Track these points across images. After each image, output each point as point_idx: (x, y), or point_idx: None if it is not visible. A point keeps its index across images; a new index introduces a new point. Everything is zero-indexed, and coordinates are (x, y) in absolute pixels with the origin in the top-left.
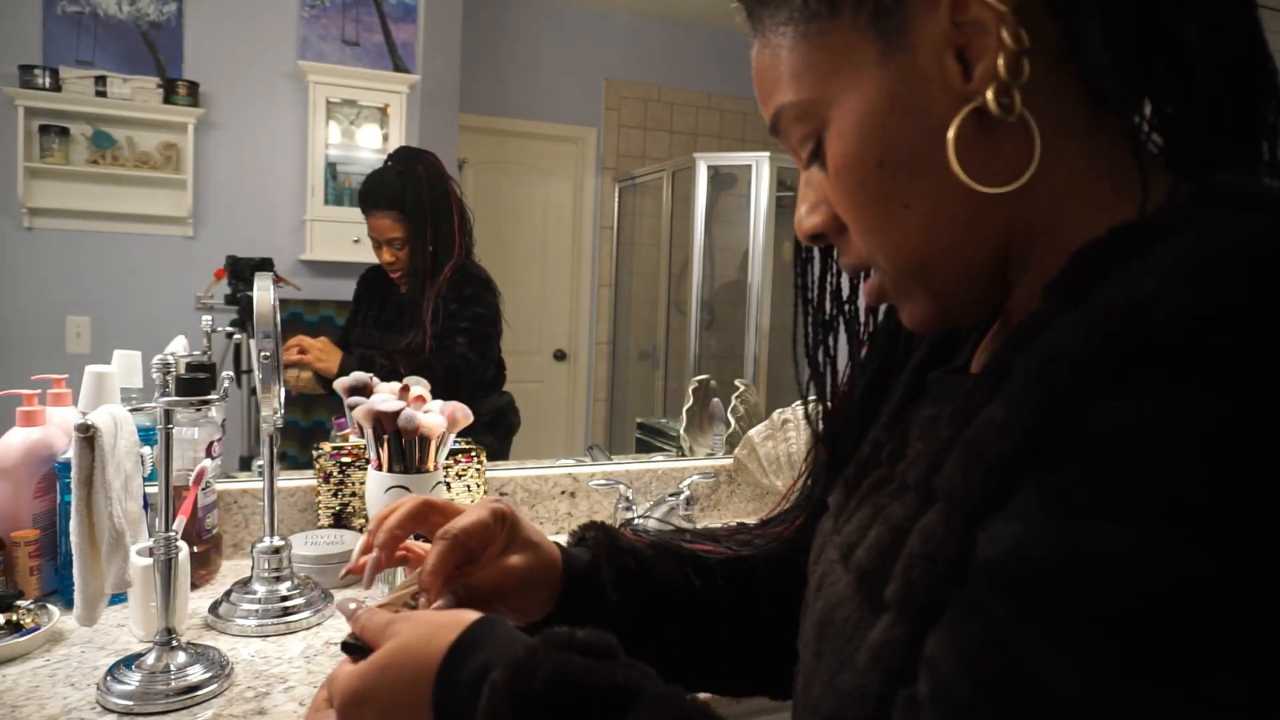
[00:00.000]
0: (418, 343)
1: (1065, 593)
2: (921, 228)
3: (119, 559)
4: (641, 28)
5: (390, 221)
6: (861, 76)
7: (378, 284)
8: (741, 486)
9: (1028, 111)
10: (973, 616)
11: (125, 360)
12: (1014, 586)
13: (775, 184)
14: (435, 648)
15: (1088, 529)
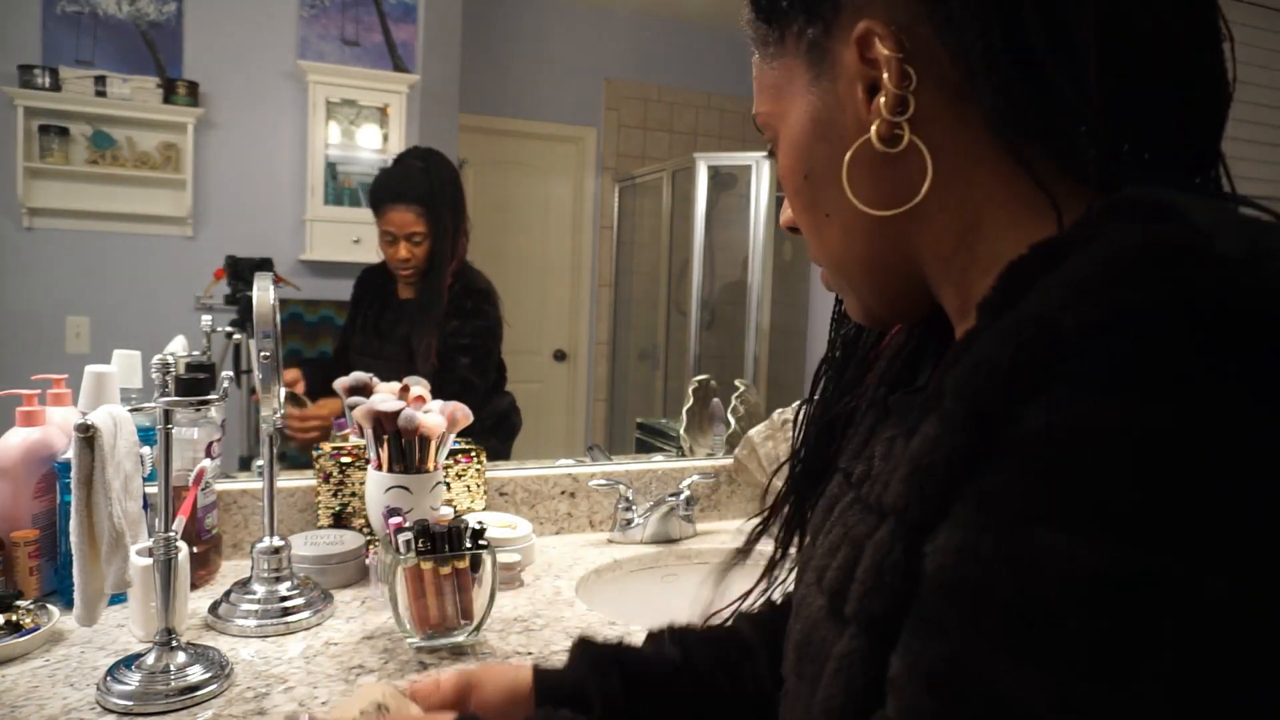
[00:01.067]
0: (422, 358)
1: (1005, 599)
2: (839, 237)
3: (119, 559)
4: (641, 28)
5: (413, 216)
6: (798, 99)
7: (376, 286)
8: (741, 486)
9: (919, 141)
10: (927, 632)
11: (125, 360)
12: (960, 597)
13: (775, 184)
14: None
15: (1019, 534)
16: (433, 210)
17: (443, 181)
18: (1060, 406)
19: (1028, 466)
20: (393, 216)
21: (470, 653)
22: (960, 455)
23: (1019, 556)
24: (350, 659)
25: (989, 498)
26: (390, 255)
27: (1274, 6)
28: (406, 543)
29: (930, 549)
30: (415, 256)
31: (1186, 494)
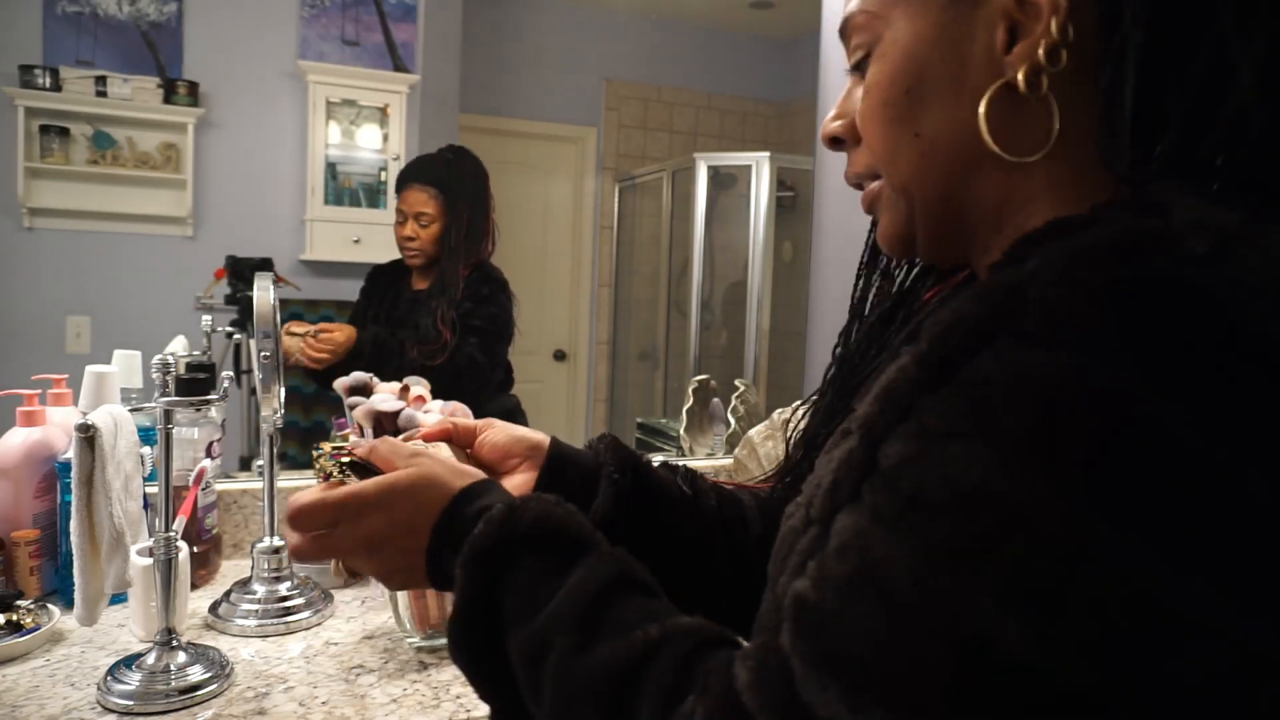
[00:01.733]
0: (431, 337)
1: (905, 491)
2: (917, 159)
3: (119, 559)
4: (641, 28)
5: (425, 196)
6: (925, 11)
7: (387, 281)
8: None
9: (1054, 99)
10: (855, 510)
11: (125, 360)
12: (877, 485)
13: (775, 184)
14: (452, 485)
15: (935, 445)
16: (447, 196)
17: (464, 173)
18: (997, 355)
19: (960, 396)
20: (407, 195)
21: None
22: (921, 386)
23: (928, 460)
24: (350, 659)
25: (926, 414)
26: (397, 234)
27: None
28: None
29: (881, 454)
30: (420, 238)
31: (1064, 437)
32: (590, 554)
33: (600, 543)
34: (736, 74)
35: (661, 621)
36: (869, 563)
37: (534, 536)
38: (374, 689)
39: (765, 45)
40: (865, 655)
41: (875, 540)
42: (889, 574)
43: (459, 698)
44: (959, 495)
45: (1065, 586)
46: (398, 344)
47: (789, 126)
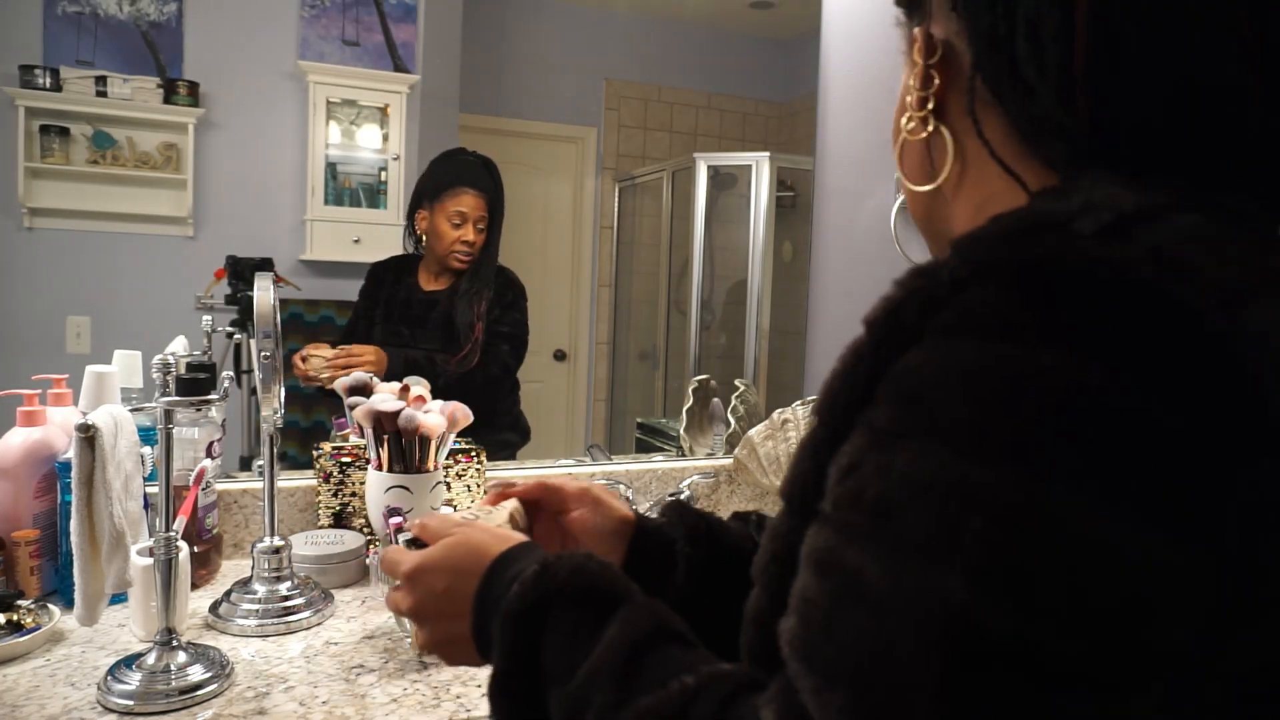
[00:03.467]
0: (460, 343)
1: (868, 500)
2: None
3: (119, 559)
4: (641, 28)
5: (478, 201)
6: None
7: (392, 280)
8: (741, 486)
9: (945, 131)
10: (820, 524)
11: (125, 360)
12: (841, 500)
13: (775, 184)
14: (491, 551)
15: (886, 451)
16: (493, 202)
17: (498, 180)
18: (927, 347)
19: (899, 395)
20: (463, 199)
21: None
22: (861, 378)
23: (885, 464)
24: (351, 659)
25: (871, 422)
26: (456, 237)
27: None
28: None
29: (834, 462)
30: (478, 242)
31: (999, 417)
32: (624, 607)
33: (634, 595)
34: (736, 74)
35: (697, 671)
36: (847, 575)
37: (568, 594)
38: (374, 689)
39: (765, 45)
40: (862, 664)
41: (850, 554)
42: (867, 580)
43: (459, 698)
44: (918, 490)
45: (1030, 558)
46: (427, 358)
47: (789, 126)
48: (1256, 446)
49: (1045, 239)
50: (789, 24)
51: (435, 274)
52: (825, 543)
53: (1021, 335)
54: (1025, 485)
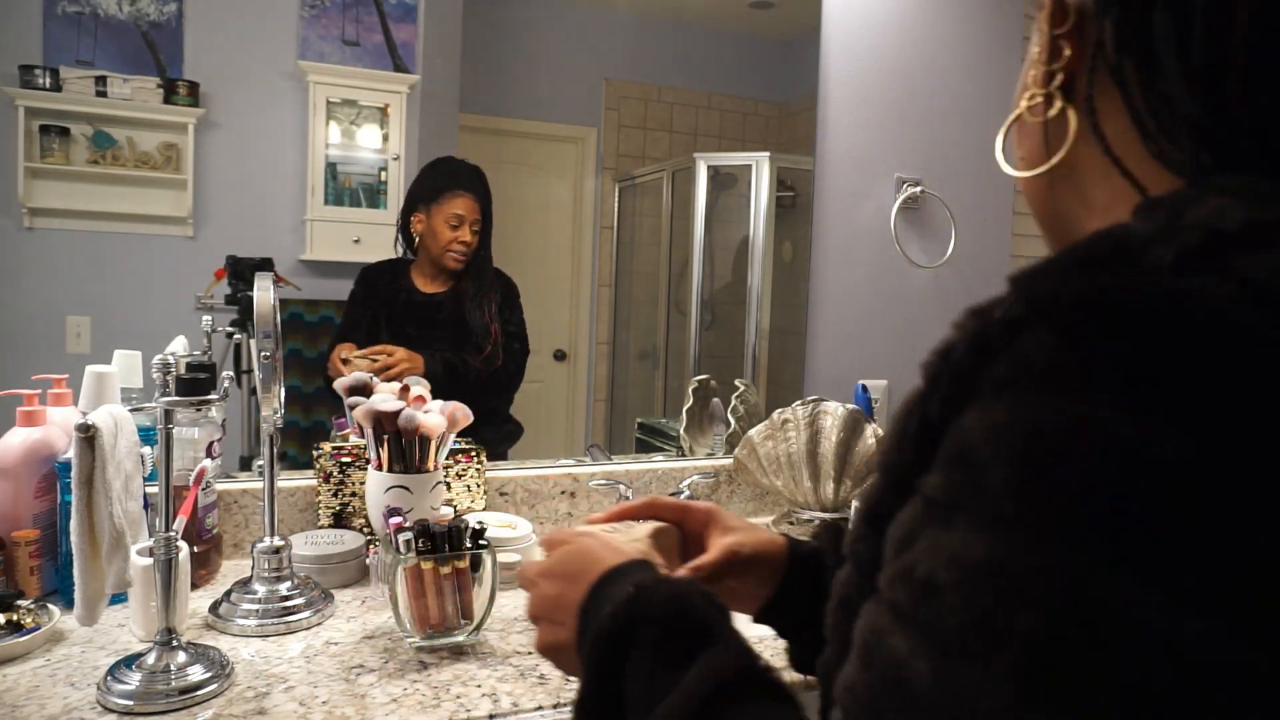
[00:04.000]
0: (481, 342)
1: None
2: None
3: (119, 559)
4: (641, 28)
5: (472, 203)
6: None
7: (385, 284)
8: (741, 486)
9: (1071, 112)
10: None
11: (125, 360)
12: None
13: (775, 184)
14: (603, 563)
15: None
16: (485, 206)
17: (488, 185)
18: (979, 405)
19: (950, 460)
20: (460, 202)
21: (470, 653)
22: (913, 434)
23: (933, 545)
24: (351, 658)
25: (924, 490)
26: (453, 238)
27: None
28: (406, 542)
29: (890, 530)
30: (473, 243)
31: (1045, 489)
32: (713, 647)
33: (727, 635)
34: (736, 74)
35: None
36: (889, 666)
37: (656, 623)
38: (374, 689)
39: (765, 45)
40: None
41: (896, 640)
42: (909, 675)
43: (459, 698)
44: (965, 574)
45: (1081, 658)
46: (461, 360)
47: (789, 126)
48: None
49: (1115, 269)
50: (789, 24)
51: (431, 276)
52: (874, 624)
53: (1075, 387)
54: (1076, 572)
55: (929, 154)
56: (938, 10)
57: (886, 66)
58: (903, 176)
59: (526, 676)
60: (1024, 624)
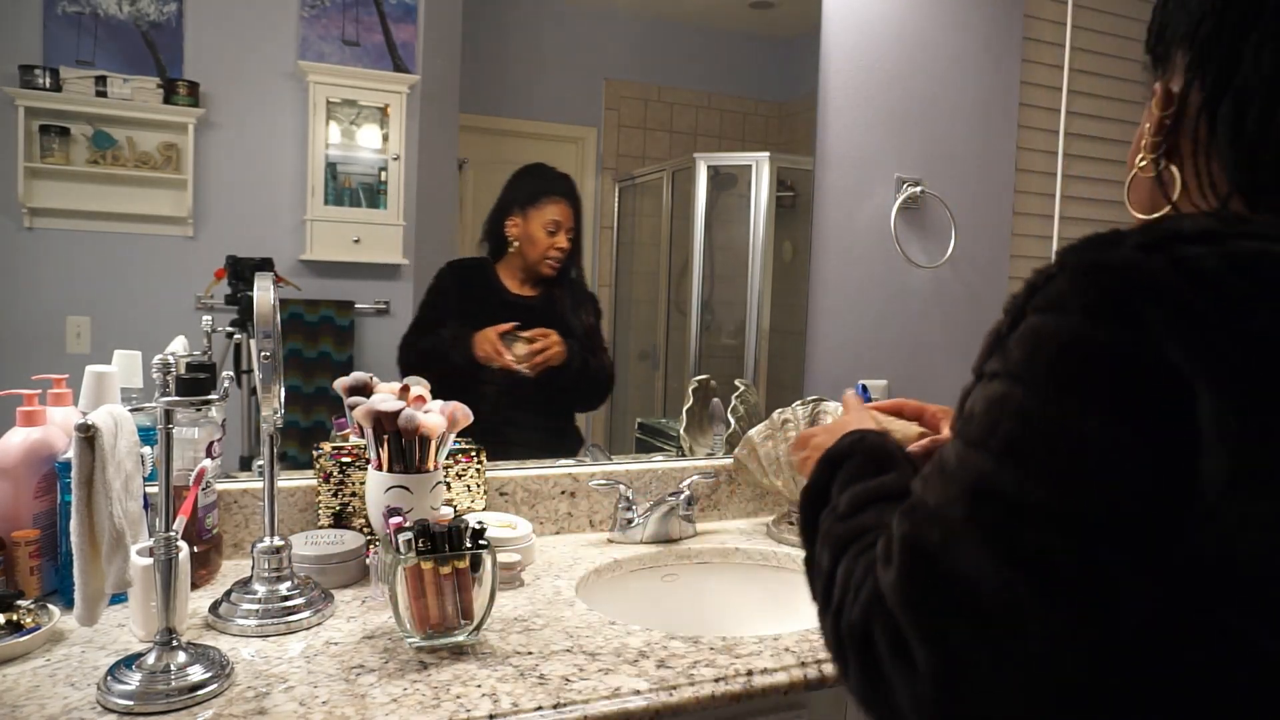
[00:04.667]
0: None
1: (965, 410)
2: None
3: (119, 559)
4: (641, 28)
5: (568, 210)
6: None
7: (476, 282)
8: (741, 486)
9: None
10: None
11: (125, 360)
12: (957, 416)
13: (775, 184)
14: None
15: (987, 382)
16: (578, 211)
17: (577, 189)
18: (1025, 321)
19: (1001, 352)
20: (553, 207)
21: (470, 652)
22: (996, 336)
23: (980, 391)
24: (351, 658)
25: (984, 370)
26: (550, 244)
27: None
28: (406, 542)
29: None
30: (569, 249)
31: (1038, 360)
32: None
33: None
34: (736, 74)
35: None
36: (941, 459)
37: (864, 452)
38: (374, 689)
39: (765, 45)
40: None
41: (947, 448)
42: (946, 459)
43: (459, 698)
44: (986, 404)
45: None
46: (593, 355)
47: (789, 126)
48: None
49: (1107, 248)
50: (789, 24)
51: (520, 280)
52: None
53: (1067, 308)
54: (1040, 400)
55: (929, 154)
56: (938, 10)
57: (886, 66)
58: (903, 176)
59: (526, 676)
60: (1006, 427)
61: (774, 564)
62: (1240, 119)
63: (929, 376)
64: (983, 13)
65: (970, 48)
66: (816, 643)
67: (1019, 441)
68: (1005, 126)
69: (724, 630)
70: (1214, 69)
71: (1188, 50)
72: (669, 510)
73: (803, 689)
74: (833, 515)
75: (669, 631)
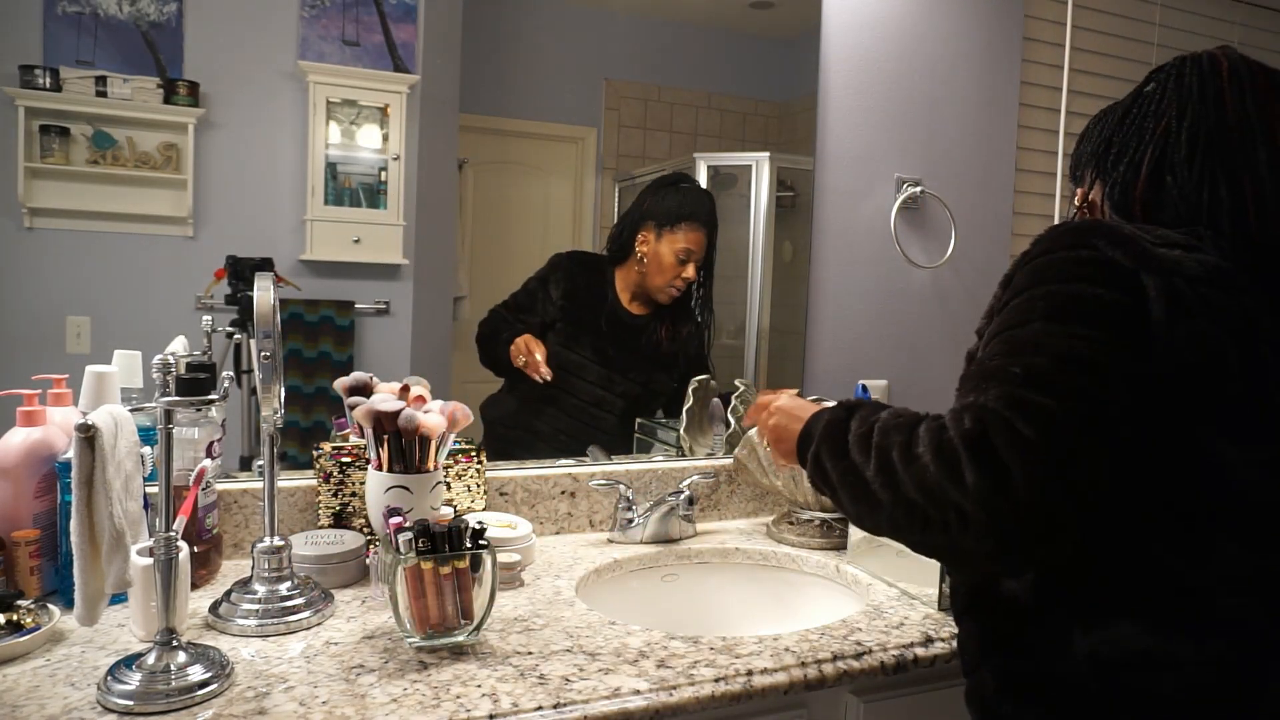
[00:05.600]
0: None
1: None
2: None
3: (119, 559)
4: (641, 28)
5: (704, 239)
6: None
7: (591, 288)
8: (741, 486)
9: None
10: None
11: (125, 360)
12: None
13: (775, 184)
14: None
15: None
16: (711, 238)
17: (715, 212)
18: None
19: (1013, 281)
20: (690, 235)
21: (470, 652)
22: (998, 296)
23: (1005, 305)
24: (351, 658)
25: (1001, 300)
26: (678, 273)
27: (1274, 7)
28: (407, 542)
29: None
30: (694, 280)
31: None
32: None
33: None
34: (736, 74)
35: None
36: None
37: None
38: (374, 689)
39: (765, 45)
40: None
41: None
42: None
43: (459, 698)
44: (1001, 312)
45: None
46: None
47: (789, 126)
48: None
49: (1064, 225)
50: (789, 24)
51: (632, 294)
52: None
53: (1054, 249)
54: (1026, 303)
55: (929, 154)
56: (938, 10)
57: (886, 66)
58: (903, 176)
59: (526, 676)
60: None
61: (774, 564)
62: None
63: (929, 376)
64: (983, 13)
65: (970, 48)
66: (817, 643)
67: (1056, 310)
68: (1005, 126)
69: (724, 630)
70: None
71: (1092, 168)
72: (669, 510)
73: (803, 689)
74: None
75: (669, 631)
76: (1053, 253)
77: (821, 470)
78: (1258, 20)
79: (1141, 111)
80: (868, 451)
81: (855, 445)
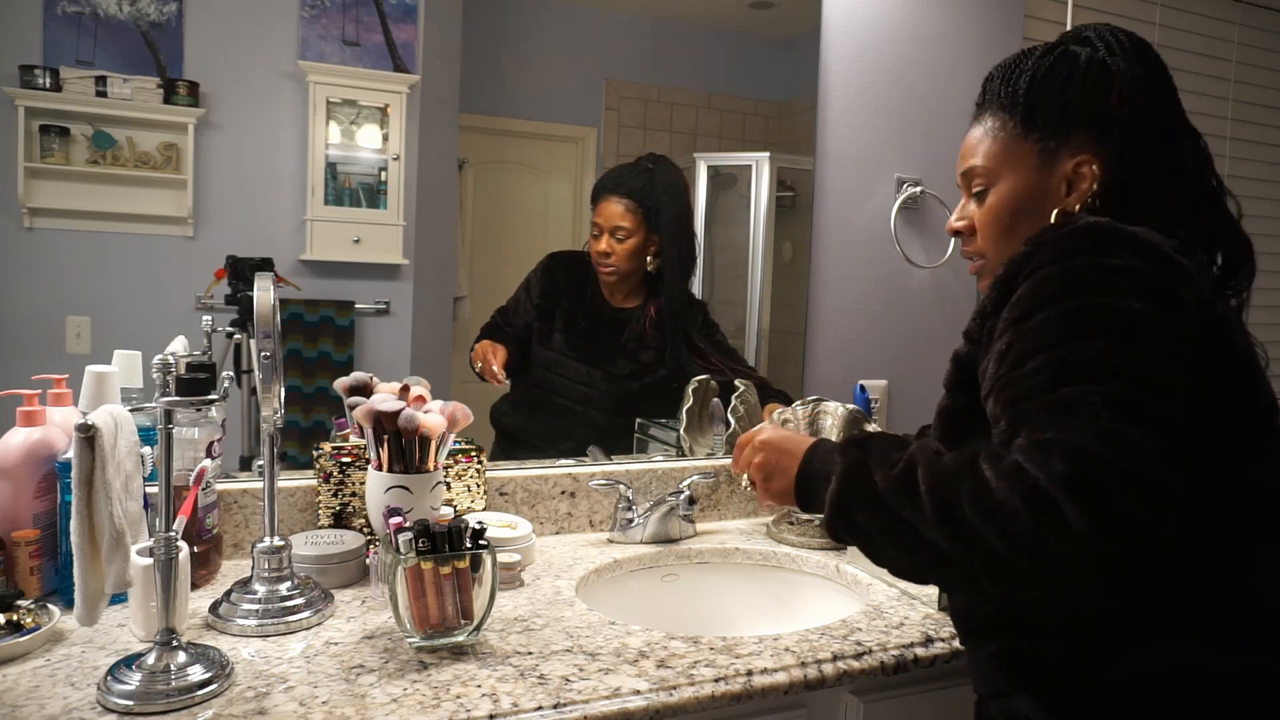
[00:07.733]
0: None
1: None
2: (1015, 245)
3: (119, 559)
4: (641, 28)
5: (621, 210)
6: (1024, 172)
7: (573, 282)
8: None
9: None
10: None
11: (125, 360)
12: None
13: (775, 184)
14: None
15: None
16: (644, 209)
17: (664, 186)
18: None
19: (1019, 295)
20: (602, 207)
21: (470, 652)
22: (994, 301)
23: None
24: (350, 659)
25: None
26: (592, 249)
27: (1274, 7)
28: (407, 542)
29: (992, 351)
30: (616, 253)
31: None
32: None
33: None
34: (736, 74)
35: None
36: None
37: (874, 440)
38: (374, 689)
39: (765, 45)
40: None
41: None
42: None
43: (459, 698)
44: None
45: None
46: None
47: (789, 126)
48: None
49: (1076, 225)
50: (789, 24)
51: (621, 291)
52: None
53: (1066, 255)
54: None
55: (929, 154)
56: (938, 10)
57: (886, 66)
58: (903, 176)
59: (526, 676)
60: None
61: (774, 564)
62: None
63: (929, 377)
64: (983, 13)
65: (970, 48)
66: (816, 643)
67: (1109, 328)
68: None
69: (724, 630)
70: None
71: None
72: (669, 510)
73: (803, 689)
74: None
75: (669, 631)
76: (1067, 260)
77: (847, 519)
78: (1258, 20)
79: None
80: (915, 499)
81: (895, 492)
